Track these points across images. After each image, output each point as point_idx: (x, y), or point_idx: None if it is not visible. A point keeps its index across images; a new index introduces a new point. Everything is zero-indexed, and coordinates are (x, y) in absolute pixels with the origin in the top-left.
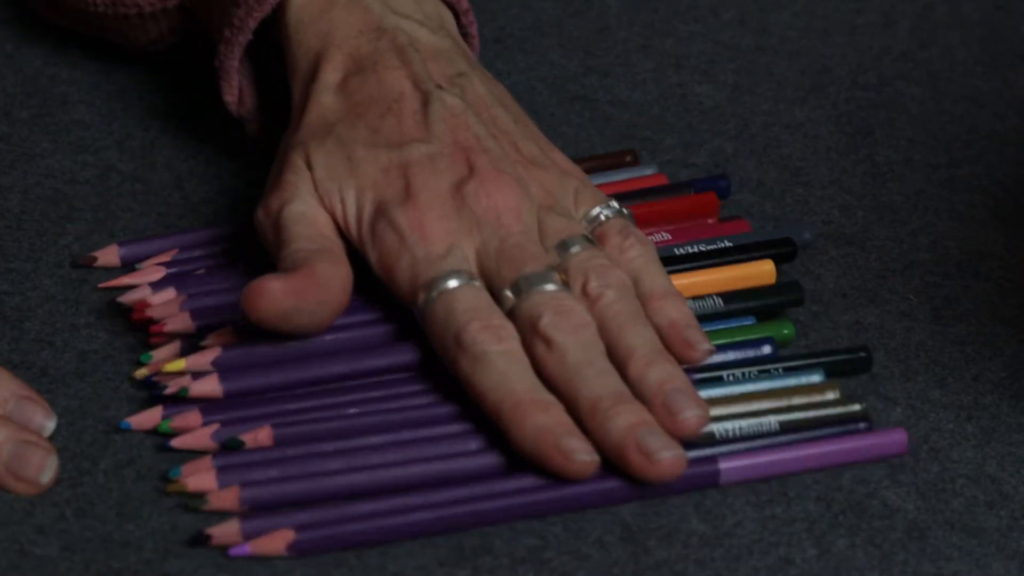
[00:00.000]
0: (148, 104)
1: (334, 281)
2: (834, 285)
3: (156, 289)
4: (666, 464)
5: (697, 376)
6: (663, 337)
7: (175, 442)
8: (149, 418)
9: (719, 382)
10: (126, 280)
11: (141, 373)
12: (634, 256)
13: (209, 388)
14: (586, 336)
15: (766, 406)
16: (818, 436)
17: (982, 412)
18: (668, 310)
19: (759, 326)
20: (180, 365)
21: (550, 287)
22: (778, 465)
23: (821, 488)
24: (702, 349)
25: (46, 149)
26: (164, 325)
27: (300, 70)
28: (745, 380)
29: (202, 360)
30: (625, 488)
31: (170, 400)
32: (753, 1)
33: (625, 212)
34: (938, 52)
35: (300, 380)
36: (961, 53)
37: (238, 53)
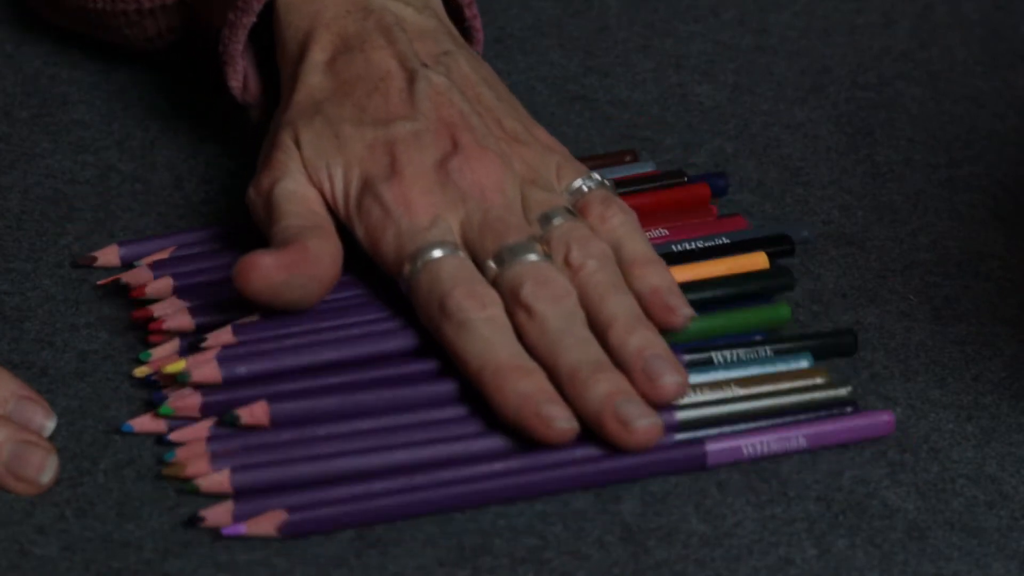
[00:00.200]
0: (148, 104)
1: (324, 256)
2: (834, 285)
3: (157, 274)
4: (642, 432)
5: (688, 358)
6: (645, 303)
7: (173, 436)
8: (151, 421)
9: (709, 365)
10: (124, 278)
11: (141, 371)
12: (616, 225)
13: (209, 374)
14: (567, 305)
15: (754, 391)
16: (805, 419)
17: (982, 412)
18: (650, 276)
19: (755, 309)
20: (180, 366)
21: (532, 257)
22: (765, 446)
23: (821, 488)
24: (683, 314)
25: (46, 149)
26: (163, 322)
27: (289, 50)
28: (734, 365)
29: (202, 360)
30: (610, 462)
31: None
32: (753, 1)
33: (607, 183)
34: (938, 52)
35: (299, 366)
36: (961, 53)
37: (243, 37)
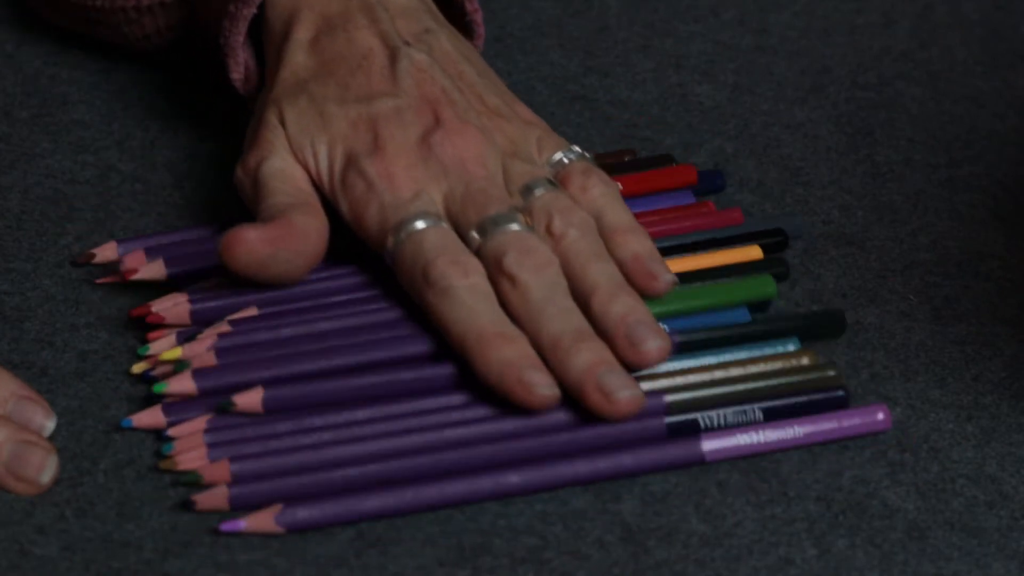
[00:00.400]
0: (148, 104)
1: (310, 231)
2: (834, 285)
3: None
4: (624, 403)
5: (678, 339)
6: (626, 270)
7: (172, 431)
8: (150, 417)
9: (697, 349)
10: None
11: (139, 367)
12: (597, 195)
13: (205, 359)
14: (549, 274)
15: (742, 372)
16: (799, 403)
17: (982, 412)
18: (631, 244)
19: (739, 282)
20: (176, 353)
21: (514, 227)
22: (763, 446)
23: (821, 488)
24: (665, 280)
25: (46, 149)
26: (164, 318)
27: (274, 31)
28: (721, 348)
29: (200, 348)
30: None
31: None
32: (753, 1)
33: (587, 156)
34: (938, 52)
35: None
36: (961, 53)
37: (243, 28)
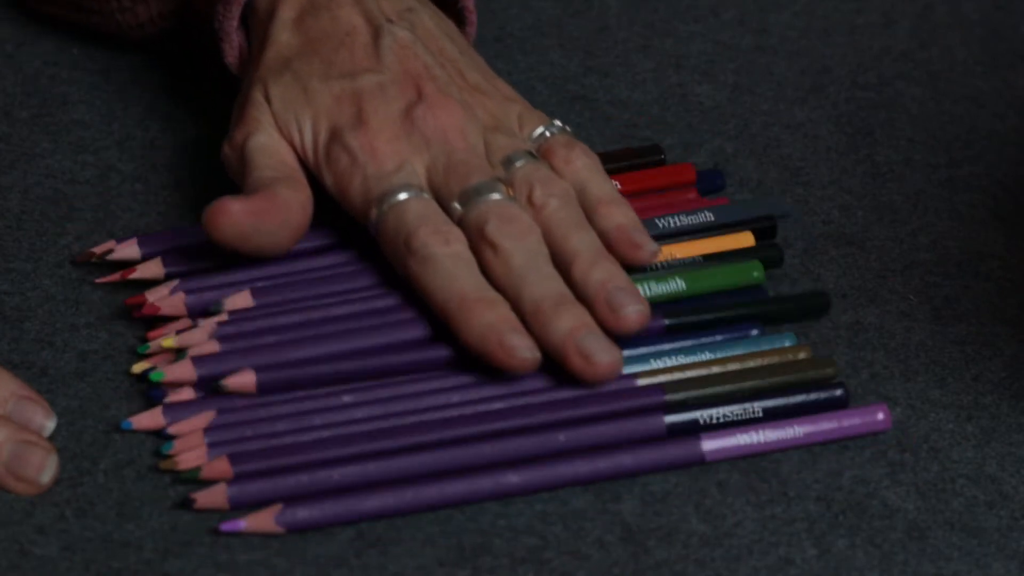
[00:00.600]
0: (148, 104)
1: (294, 204)
2: (834, 285)
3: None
4: (604, 366)
5: (667, 322)
6: (610, 240)
7: (172, 429)
8: (150, 418)
9: (694, 347)
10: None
11: (139, 367)
12: (580, 167)
13: (206, 347)
14: (531, 241)
15: (739, 367)
16: (799, 402)
17: (982, 412)
18: (615, 215)
19: (725, 267)
20: (171, 341)
21: (496, 197)
22: (763, 446)
23: (821, 488)
24: (648, 250)
25: (46, 149)
26: (159, 308)
27: (261, 11)
28: (718, 345)
29: (200, 335)
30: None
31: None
32: (753, 1)
33: (568, 130)
34: (938, 52)
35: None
36: (961, 53)
37: (237, 12)
